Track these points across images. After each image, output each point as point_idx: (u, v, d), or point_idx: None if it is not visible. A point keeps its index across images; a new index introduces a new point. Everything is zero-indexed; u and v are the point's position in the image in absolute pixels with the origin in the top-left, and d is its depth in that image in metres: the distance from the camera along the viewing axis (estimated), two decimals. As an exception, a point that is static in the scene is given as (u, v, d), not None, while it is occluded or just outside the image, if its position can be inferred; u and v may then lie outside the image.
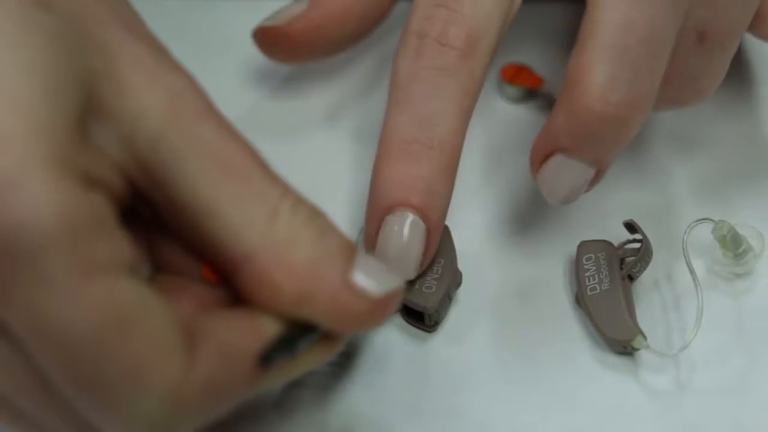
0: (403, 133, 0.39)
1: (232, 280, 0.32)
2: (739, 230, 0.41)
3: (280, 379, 0.33)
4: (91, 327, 0.28)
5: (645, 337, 0.39)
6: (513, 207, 0.44)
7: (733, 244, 0.41)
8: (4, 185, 0.28)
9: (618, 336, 0.39)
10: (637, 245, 0.41)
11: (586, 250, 0.41)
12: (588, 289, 0.40)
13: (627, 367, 0.40)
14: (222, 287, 0.33)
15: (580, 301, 0.41)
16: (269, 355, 0.31)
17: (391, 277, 0.33)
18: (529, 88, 0.47)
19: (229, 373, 0.31)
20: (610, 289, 0.40)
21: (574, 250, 0.41)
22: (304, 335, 0.32)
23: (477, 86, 0.39)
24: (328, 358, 0.33)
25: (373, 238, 0.39)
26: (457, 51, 0.39)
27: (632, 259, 0.41)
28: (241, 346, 0.31)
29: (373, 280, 0.32)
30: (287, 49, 0.45)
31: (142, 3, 0.35)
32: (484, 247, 0.43)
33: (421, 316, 0.40)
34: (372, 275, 0.32)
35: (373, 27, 0.46)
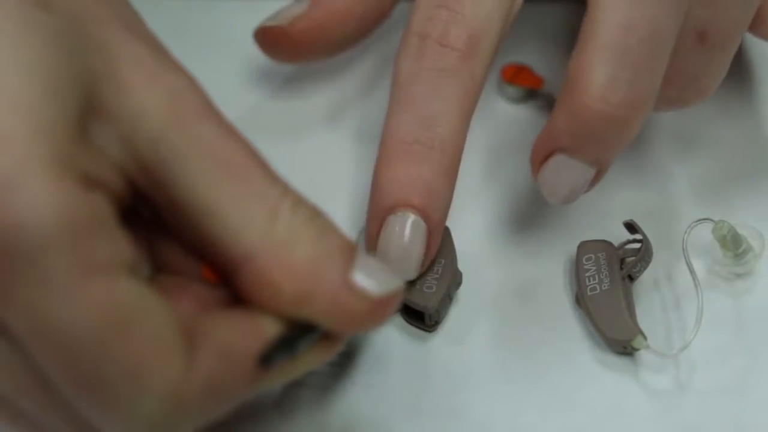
0: (405, 133, 0.39)
1: (232, 280, 0.32)
2: (739, 230, 0.41)
3: (280, 379, 0.33)
4: (91, 327, 0.28)
5: (645, 337, 0.39)
6: (513, 207, 0.44)
7: (733, 244, 0.41)
8: (4, 185, 0.28)
9: (618, 336, 0.39)
10: (637, 245, 0.41)
11: (586, 250, 0.41)
12: (588, 289, 0.40)
13: (627, 367, 0.40)
14: (222, 287, 0.33)
15: (580, 301, 0.41)
16: (269, 356, 0.31)
17: (391, 278, 0.33)
18: (529, 88, 0.47)
19: (229, 373, 0.31)
20: (610, 289, 0.40)
21: (574, 250, 0.41)
22: (304, 335, 0.32)
23: (478, 87, 0.39)
24: (328, 358, 0.33)
25: (374, 239, 0.39)
26: (458, 52, 0.39)
27: (632, 259, 0.41)
28: (241, 347, 0.31)
29: (373, 281, 0.32)
30: (288, 49, 0.45)
31: (142, 3, 0.35)
32: (484, 247, 0.43)
33: (422, 316, 0.40)
34: (372, 275, 0.32)
35: (374, 27, 0.46)
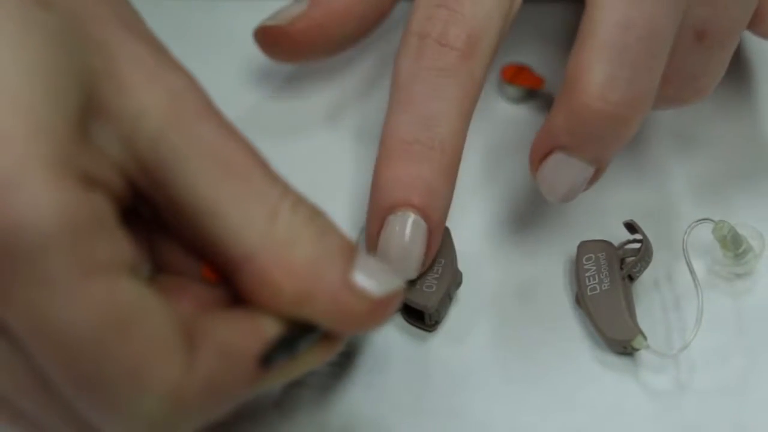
0: (404, 133, 0.39)
1: (232, 280, 0.32)
2: (739, 230, 0.41)
3: (281, 379, 0.33)
4: (91, 327, 0.28)
5: (645, 337, 0.39)
6: (513, 207, 0.44)
7: (733, 244, 0.41)
8: (4, 185, 0.28)
9: (618, 336, 0.39)
10: (637, 245, 0.41)
11: (586, 250, 0.41)
12: (588, 289, 0.40)
13: (627, 367, 0.40)
14: (222, 287, 0.33)
15: (580, 301, 0.41)
16: (269, 356, 0.31)
17: (392, 278, 0.33)
18: (530, 88, 0.47)
19: (230, 373, 0.31)
20: (610, 289, 0.40)
21: (574, 250, 0.41)
22: (305, 335, 0.32)
23: (478, 86, 0.39)
24: (328, 358, 0.33)
25: (374, 238, 0.39)
26: (458, 51, 0.39)
27: (632, 259, 0.41)
28: (241, 347, 0.31)
29: (374, 281, 0.32)
30: (288, 48, 0.45)
31: (142, 3, 0.35)
32: (484, 247, 0.43)
33: (422, 316, 0.40)
34: (372, 275, 0.32)
35: (373, 26, 0.46)
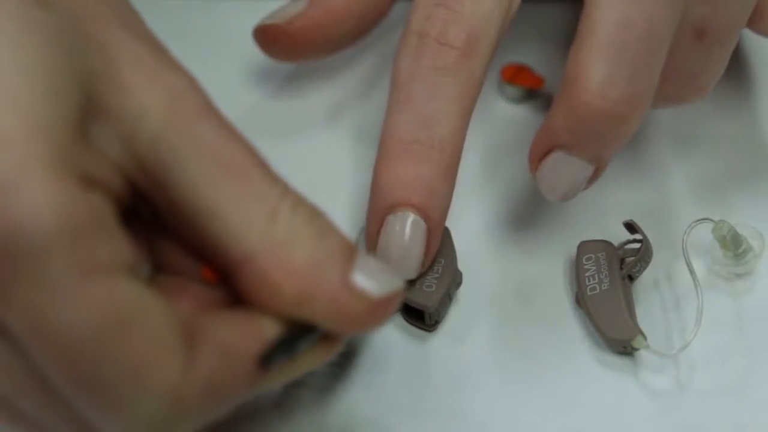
0: (404, 132, 0.39)
1: (232, 280, 0.32)
2: (739, 230, 0.41)
3: (280, 379, 0.33)
4: (91, 328, 0.28)
5: (645, 337, 0.39)
6: (513, 207, 0.44)
7: (733, 244, 0.41)
8: (4, 186, 0.28)
9: (618, 336, 0.39)
10: (637, 245, 0.41)
11: (586, 250, 0.41)
12: (588, 289, 0.40)
13: (627, 367, 0.40)
14: (222, 287, 0.33)
15: (580, 301, 0.41)
16: (269, 356, 0.31)
17: (391, 278, 0.33)
18: (529, 88, 0.47)
19: (229, 373, 0.31)
20: (610, 289, 0.40)
21: (574, 250, 0.41)
22: (304, 336, 0.32)
23: (477, 86, 0.39)
24: (328, 358, 0.33)
25: (374, 238, 0.39)
26: (457, 51, 0.39)
27: (632, 259, 0.41)
28: (241, 347, 0.31)
29: (373, 281, 0.32)
30: (288, 47, 0.45)
31: (142, 3, 0.35)
32: (483, 247, 0.43)
33: (422, 315, 0.40)
34: (372, 276, 0.32)
35: (372, 26, 0.46)
